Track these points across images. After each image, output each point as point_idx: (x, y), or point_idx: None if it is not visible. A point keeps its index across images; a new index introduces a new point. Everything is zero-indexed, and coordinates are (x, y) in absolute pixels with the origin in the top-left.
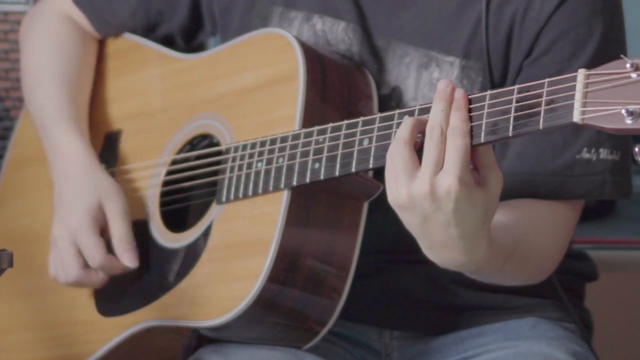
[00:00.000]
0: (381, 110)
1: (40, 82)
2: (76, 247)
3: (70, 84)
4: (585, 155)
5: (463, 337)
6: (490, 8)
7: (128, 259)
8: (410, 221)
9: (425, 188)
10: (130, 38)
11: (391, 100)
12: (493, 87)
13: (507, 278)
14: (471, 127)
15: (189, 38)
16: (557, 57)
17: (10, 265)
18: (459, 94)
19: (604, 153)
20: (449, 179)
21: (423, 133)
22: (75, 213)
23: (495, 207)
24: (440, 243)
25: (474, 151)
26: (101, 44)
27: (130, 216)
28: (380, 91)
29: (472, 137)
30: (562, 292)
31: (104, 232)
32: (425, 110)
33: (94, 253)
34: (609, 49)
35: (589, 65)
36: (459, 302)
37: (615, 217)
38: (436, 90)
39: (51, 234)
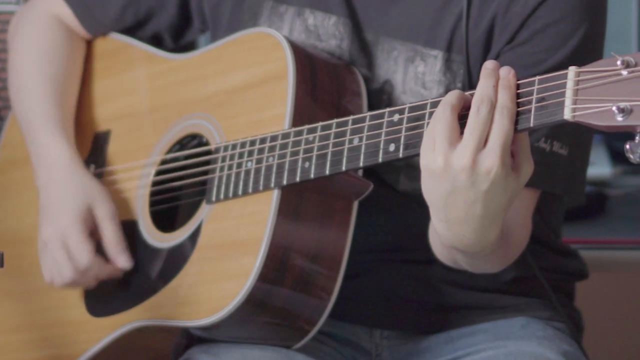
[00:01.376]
0: (372, 104)
1: (27, 85)
2: (67, 249)
3: (58, 86)
4: (542, 144)
5: (453, 337)
6: (473, 2)
7: (122, 261)
8: (436, 189)
9: (466, 161)
10: (118, 38)
11: (383, 94)
12: (471, 80)
13: (491, 264)
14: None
15: (177, 36)
16: (535, 49)
17: (1, 265)
18: (510, 72)
19: (556, 146)
20: (491, 159)
21: (466, 109)
22: (64, 215)
23: (517, 196)
24: (458, 218)
25: (513, 136)
26: (89, 45)
27: (118, 218)
28: (372, 85)
29: (517, 120)
30: (551, 292)
31: (92, 235)
32: (417, 108)
33: (83, 256)
34: (589, 49)
35: (566, 62)
36: (449, 301)
37: (605, 217)
38: (484, 68)
39: (39, 238)
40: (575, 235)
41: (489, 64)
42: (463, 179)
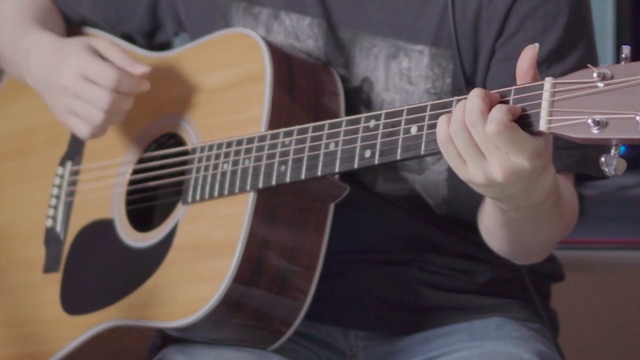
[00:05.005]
0: (350, 103)
1: (8, 21)
2: (91, 78)
3: (37, 18)
4: None
5: (429, 337)
6: None
7: (140, 68)
8: (487, 193)
9: (483, 178)
10: (98, 35)
11: (361, 92)
12: (464, 73)
13: (550, 226)
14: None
15: (148, 38)
16: (529, 34)
17: None
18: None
19: None
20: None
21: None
22: (71, 57)
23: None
24: (514, 194)
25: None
26: None
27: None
28: (349, 84)
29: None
30: (534, 291)
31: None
32: (393, 115)
33: (109, 72)
34: (578, 24)
35: (561, 40)
36: (424, 302)
37: (581, 216)
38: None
39: (55, 95)
40: None
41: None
42: (499, 184)
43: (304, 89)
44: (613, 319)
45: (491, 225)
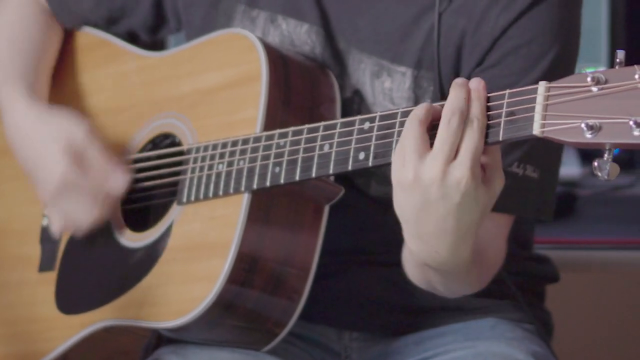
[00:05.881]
0: (344, 112)
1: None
2: (75, 189)
3: (31, 60)
4: (515, 169)
5: (423, 338)
6: (443, 18)
7: (120, 177)
8: (407, 203)
9: (436, 172)
10: (95, 34)
11: (353, 103)
12: (443, 96)
13: (465, 285)
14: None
15: (152, 33)
16: (506, 71)
17: None
18: (480, 84)
19: (529, 169)
20: (462, 170)
21: (436, 120)
22: (53, 162)
23: (489, 210)
24: (430, 233)
25: (484, 149)
26: (66, 40)
27: (99, 136)
28: (343, 94)
29: (488, 134)
30: (519, 294)
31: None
32: (387, 117)
33: (90, 184)
34: (561, 70)
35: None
36: (418, 303)
37: (574, 217)
38: (454, 81)
39: (43, 197)
40: (545, 235)
41: (459, 79)
42: (434, 191)
43: (300, 91)
44: (608, 319)
45: (407, 261)
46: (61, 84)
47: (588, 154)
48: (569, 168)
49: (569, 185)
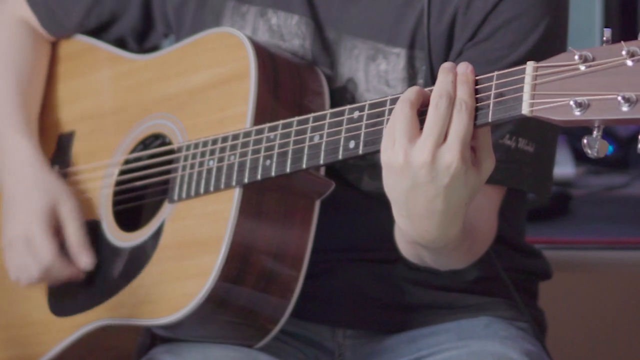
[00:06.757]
0: (336, 103)
1: None
2: (31, 247)
3: (22, 88)
4: (507, 141)
5: (416, 336)
6: None
7: (84, 261)
8: (397, 185)
9: (426, 157)
10: (82, 40)
11: (346, 92)
12: (433, 75)
13: (456, 260)
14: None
15: (140, 39)
16: (497, 45)
17: None
18: (468, 67)
19: (522, 142)
20: (451, 154)
21: (426, 105)
22: (28, 214)
23: (478, 191)
24: (420, 214)
25: (473, 131)
26: (54, 47)
27: (82, 217)
28: (335, 84)
29: (476, 116)
30: (515, 291)
31: (58, 234)
32: (376, 105)
33: (45, 254)
34: (550, 43)
35: (527, 57)
36: (412, 300)
37: (568, 217)
38: (442, 65)
39: (4, 237)
40: (539, 235)
41: (446, 63)
42: (423, 174)
43: (288, 87)
44: (601, 318)
45: (398, 237)
46: (52, 91)
47: (581, 153)
48: (563, 168)
49: (563, 185)
